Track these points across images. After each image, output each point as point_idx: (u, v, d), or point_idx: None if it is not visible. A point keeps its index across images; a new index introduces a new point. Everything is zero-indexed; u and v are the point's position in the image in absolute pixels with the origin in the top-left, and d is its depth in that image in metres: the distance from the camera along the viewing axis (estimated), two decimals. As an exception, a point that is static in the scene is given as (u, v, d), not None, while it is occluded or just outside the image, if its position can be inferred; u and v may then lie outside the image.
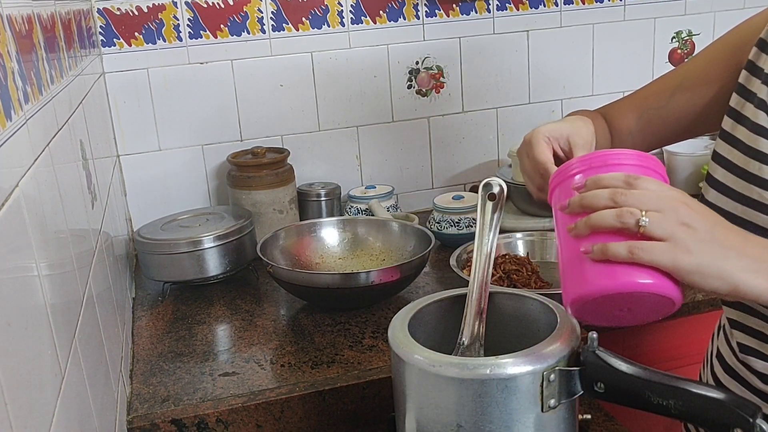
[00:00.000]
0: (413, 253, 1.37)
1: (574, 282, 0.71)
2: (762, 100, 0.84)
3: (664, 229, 0.67)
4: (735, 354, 0.94)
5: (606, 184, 0.71)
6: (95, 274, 0.92)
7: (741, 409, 0.67)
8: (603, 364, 0.73)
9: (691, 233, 0.67)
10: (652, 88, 1.04)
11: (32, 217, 0.60)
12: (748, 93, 0.87)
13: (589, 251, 0.69)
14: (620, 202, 0.69)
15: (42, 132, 0.71)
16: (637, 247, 0.67)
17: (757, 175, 0.82)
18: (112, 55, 1.60)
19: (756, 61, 0.87)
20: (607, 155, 0.76)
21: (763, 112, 0.84)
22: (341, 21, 1.72)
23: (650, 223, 0.67)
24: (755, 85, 0.86)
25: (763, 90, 0.85)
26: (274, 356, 1.17)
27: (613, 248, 0.67)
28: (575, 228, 0.71)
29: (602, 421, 0.99)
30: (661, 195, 0.69)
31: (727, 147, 0.87)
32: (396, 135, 1.83)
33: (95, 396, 0.77)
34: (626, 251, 0.67)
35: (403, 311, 0.85)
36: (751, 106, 0.86)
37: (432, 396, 0.76)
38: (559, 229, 0.76)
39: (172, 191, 1.71)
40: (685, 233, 0.67)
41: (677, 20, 1.97)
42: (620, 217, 0.68)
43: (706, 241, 0.67)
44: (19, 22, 0.69)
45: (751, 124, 0.85)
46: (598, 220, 0.69)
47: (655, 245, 0.67)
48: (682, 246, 0.67)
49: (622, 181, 0.71)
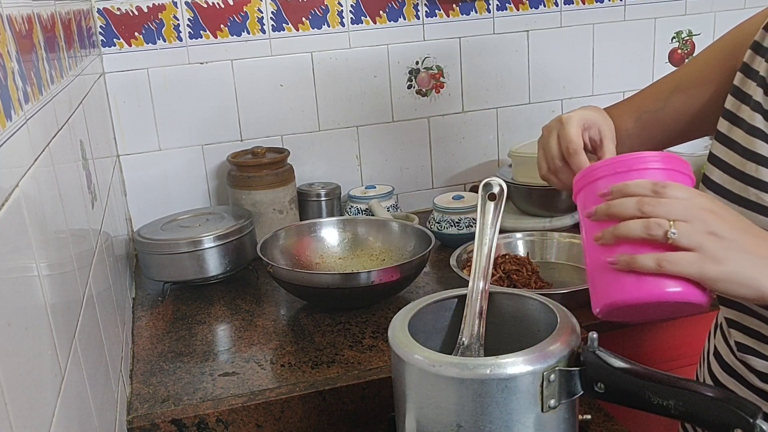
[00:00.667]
0: (413, 253, 1.37)
1: (603, 290, 0.72)
2: (757, 103, 0.85)
3: (691, 240, 0.67)
4: (733, 352, 0.94)
5: (632, 192, 0.71)
6: (95, 274, 0.92)
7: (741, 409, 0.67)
8: (603, 364, 0.73)
9: (719, 243, 0.67)
10: (649, 91, 1.05)
11: (32, 217, 0.60)
12: (743, 95, 0.87)
13: (616, 262, 0.69)
14: (648, 213, 0.68)
15: (42, 132, 0.71)
16: (664, 260, 0.67)
17: (754, 176, 0.83)
18: (112, 55, 1.60)
19: (751, 63, 0.88)
20: (631, 159, 0.75)
21: (758, 114, 0.84)
22: (341, 21, 1.72)
23: (678, 234, 0.67)
24: (750, 87, 0.87)
25: (758, 92, 0.85)
26: (274, 356, 1.17)
27: (640, 261, 0.68)
28: (602, 238, 0.71)
29: (602, 421, 0.99)
30: (689, 204, 0.69)
31: (723, 149, 0.88)
32: (396, 135, 1.83)
33: (95, 396, 0.77)
34: (654, 264, 0.67)
35: (403, 311, 0.85)
36: (747, 108, 0.86)
37: (432, 396, 0.76)
38: (585, 235, 0.76)
39: (172, 191, 1.71)
40: (713, 243, 0.67)
41: (677, 20, 1.97)
42: (648, 229, 0.68)
43: (734, 250, 0.67)
44: (19, 22, 0.69)
45: (747, 126, 0.85)
46: (626, 231, 0.69)
47: (682, 256, 0.67)
48: (710, 256, 0.67)
49: (649, 189, 0.70)
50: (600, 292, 0.72)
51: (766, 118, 0.84)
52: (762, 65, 0.86)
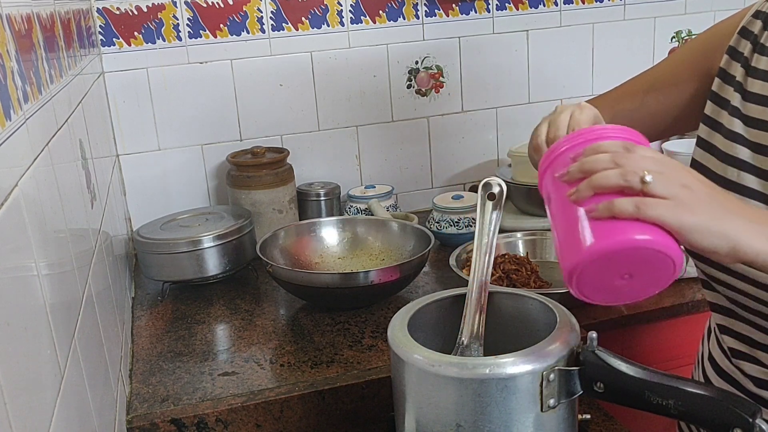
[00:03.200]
0: (413, 252, 1.37)
1: (576, 247, 0.69)
2: (735, 108, 0.85)
3: (668, 189, 0.67)
4: (728, 357, 0.94)
5: (605, 150, 0.71)
6: (95, 274, 0.92)
7: (740, 408, 0.67)
8: (602, 363, 0.73)
9: (693, 194, 0.68)
10: (623, 90, 1.04)
11: (31, 217, 0.60)
12: (721, 100, 0.88)
13: (594, 210, 0.68)
14: (622, 164, 0.69)
15: (41, 131, 0.71)
16: (643, 203, 0.66)
17: (736, 181, 0.83)
18: (111, 55, 1.60)
19: (727, 68, 0.88)
20: (597, 130, 0.76)
21: (737, 119, 0.84)
22: (341, 20, 1.72)
23: (654, 182, 0.67)
24: (728, 92, 0.87)
25: (736, 97, 0.85)
26: (274, 356, 1.17)
27: (619, 204, 0.67)
28: (577, 192, 0.70)
29: (602, 421, 0.99)
30: (661, 159, 0.70)
31: (704, 154, 0.88)
32: (395, 135, 1.83)
33: (95, 396, 0.77)
34: (633, 206, 0.67)
35: (402, 311, 0.85)
36: (726, 113, 0.86)
37: (431, 396, 0.76)
38: (556, 204, 0.74)
39: (171, 191, 1.71)
40: (687, 194, 0.68)
41: (677, 20, 1.97)
42: (624, 175, 0.68)
43: (707, 203, 0.68)
44: (18, 22, 0.69)
45: (726, 131, 0.85)
46: (602, 180, 0.69)
47: (659, 202, 0.67)
48: (685, 205, 0.67)
49: (621, 146, 0.71)
50: (573, 252, 0.69)
51: (745, 123, 0.84)
52: (738, 70, 0.86)
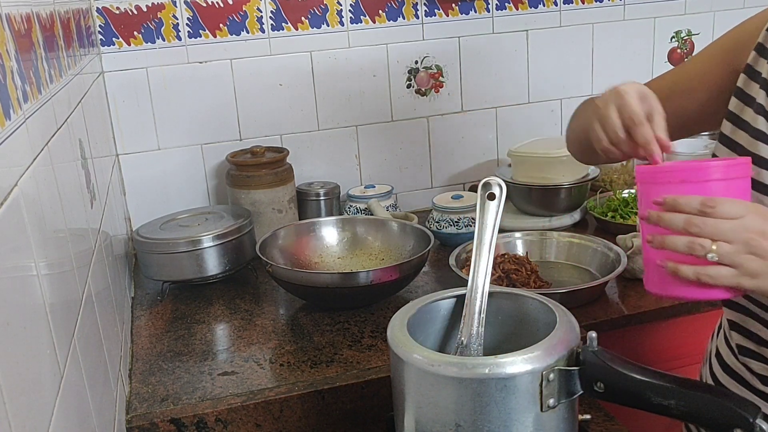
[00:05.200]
0: (412, 252, 1.37)
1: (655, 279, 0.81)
2: (761, 105, 0.84)
3: (731, 260, 0.73)
4: (735, 354, 0.94)
5: (681, 209, 0.75)
6: (94, 274, 0.92)
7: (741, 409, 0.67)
8: (602, 363, 0.73)
9: (758, 262, 0.72)
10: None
11: (31, 217, 0.60)
12: (747, 97, 0.87)
13: (664, 266, 0.77)
14: (693, 233, 0.74)
15: (41, 131, 0.71)
16: (704, 273, 0.74)
17: (757, 180, 0.82)
18: (111, 54, 1.60)
19: (754, 65, 0.87)
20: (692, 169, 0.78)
21: (762, 117, 0.84)
22: (340, 20, 1.72)
23: (718, 255, 0.73)
24: (754, 89, 0.86)
25: (761, 94, 0.85)
26: (273, 356, 1.17)
27: (682, 271, 0.75)
28: (653, 242, 0.78)
29: (602, 421, 0.99)
30: (735, 225, 0.73)
31: (727, 151, 0.87)
32: (395, 134, 1.83)
33: (94, 395, 0.77)
34: (693, 276, 0.74)
35: (402, 311, 0.85)
36: (751, 111, 0.85)
37: (431, 395, 0.76)
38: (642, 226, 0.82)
39: (171, 190, 1.71)
40: (752, 262, 0.72)
41: (677, 20, 1.97)
42: (691, 248, 0.74)
43: None
44: (18, 21, 0.69)
45: (751, 129, 0.85)
46: (671, 245, 0.75)
47: (720, 271, 0.73)
48: (748, 273, 0.72)
49: (697, 209, 0.74)
50: (652, 281, 0.82)
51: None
52: (765, 67, 0.85)
